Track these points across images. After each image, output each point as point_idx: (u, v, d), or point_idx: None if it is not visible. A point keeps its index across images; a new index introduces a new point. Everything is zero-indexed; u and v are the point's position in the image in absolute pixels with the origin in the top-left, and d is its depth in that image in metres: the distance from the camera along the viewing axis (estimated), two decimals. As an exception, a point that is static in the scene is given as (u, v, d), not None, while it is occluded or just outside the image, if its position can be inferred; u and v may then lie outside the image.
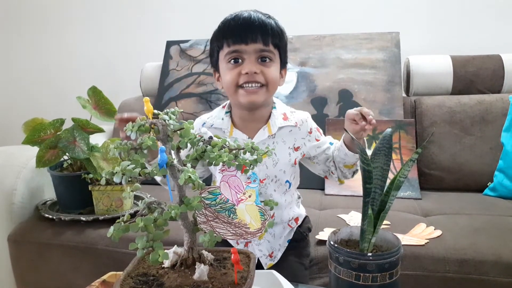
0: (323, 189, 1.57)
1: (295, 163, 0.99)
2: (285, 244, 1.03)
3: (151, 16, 2.29)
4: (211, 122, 1.00)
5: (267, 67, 0.91)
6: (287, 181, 0.99)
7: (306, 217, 1.10)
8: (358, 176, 0.96)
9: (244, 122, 0.98)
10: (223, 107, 1.02)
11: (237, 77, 0.90)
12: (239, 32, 0.88)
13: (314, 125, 1.02)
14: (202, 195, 0.60)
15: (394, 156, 1.55)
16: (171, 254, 0.63)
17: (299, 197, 1.10)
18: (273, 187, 0.98)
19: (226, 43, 0.90)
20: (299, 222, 1.06)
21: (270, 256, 1.01)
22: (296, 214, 1.05)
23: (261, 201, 0.62)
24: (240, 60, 0.90)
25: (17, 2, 2.45)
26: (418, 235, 1.13)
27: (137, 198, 1.43)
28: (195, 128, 1.00)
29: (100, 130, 1.34)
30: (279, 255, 1.02)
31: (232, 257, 0.58)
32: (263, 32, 0.89)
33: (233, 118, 0.99)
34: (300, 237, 1.06)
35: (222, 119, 0.99)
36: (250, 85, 0.90)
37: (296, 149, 0.98)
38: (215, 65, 0.97)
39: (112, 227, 0.57)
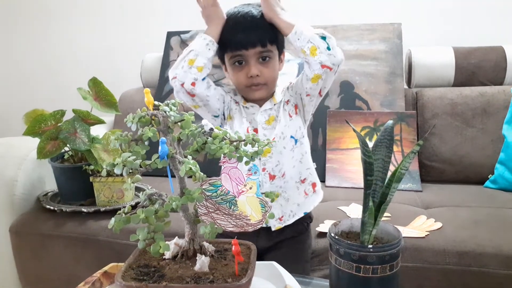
0: (323, 181, 1.56)
1: (290, 116, 1.05)
2: (300, 213, 1.04)
3: (151, 6, 2.27)
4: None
5: (266, 67, 1.00)
6: (291, 136, 1.04)
7: None
8: (359, 168, 0.96)
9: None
10: None
11: (244, 80, 1.01)
12: (239, 40, 0.98)
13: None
14: (203, 187, 0.60)
15: (395, 148, 1.55)
16: (172, 245, 0.63)
17: (314, 165, 1.10)
18: (282, 144, 1.03)
19: (230, 49, 1.00)
20: (316, 190, 1.07)
21: (280, 219, 1.02)
22: (312, 179, 1.06)
23: (262, 193, 0.62)
24: (243, 62, 1.00)
25: (17, -6, 2.44)
26: (419, 227, 1.13)
27: (138, 189, 1.43)
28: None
29: (101, 122, 1.34)
30: (290, 220, 1.03)
31: (233, 248, 0.58)
32: (259, 37, 0.98)
33: None
34: (302, 228, 1.07)
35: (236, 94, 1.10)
36: (255, 82, 1.00)
37: (287, 102, 1.06)
38: (222, 61, 1.06)
39: (113, 219, 0.57)
